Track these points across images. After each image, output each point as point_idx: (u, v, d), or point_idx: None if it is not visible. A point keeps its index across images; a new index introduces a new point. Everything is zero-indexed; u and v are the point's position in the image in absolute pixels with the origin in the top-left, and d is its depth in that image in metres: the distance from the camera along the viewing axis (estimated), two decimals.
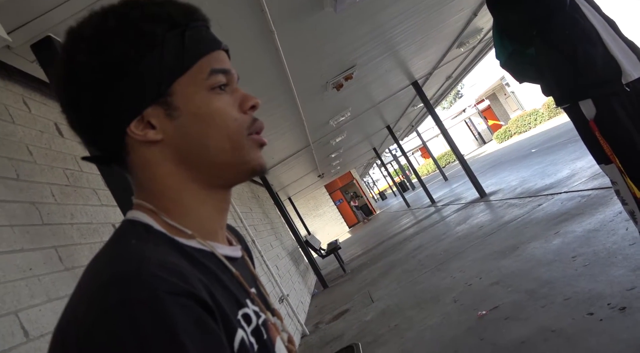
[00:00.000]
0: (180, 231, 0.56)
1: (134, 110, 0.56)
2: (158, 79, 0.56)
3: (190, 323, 0.43)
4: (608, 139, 1.65)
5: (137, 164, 0.58)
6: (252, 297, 0.61)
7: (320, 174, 15.92)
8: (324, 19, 3.87)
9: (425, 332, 3.30)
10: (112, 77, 0.54)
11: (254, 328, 0.56)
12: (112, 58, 0.54)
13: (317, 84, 5.60)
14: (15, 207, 1.66)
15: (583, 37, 1.68)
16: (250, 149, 0.60)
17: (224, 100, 0.59)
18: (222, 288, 0.54)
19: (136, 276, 0.45)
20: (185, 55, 0.57)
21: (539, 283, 2.98)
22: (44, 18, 1.96)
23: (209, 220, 0.60)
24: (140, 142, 0.57)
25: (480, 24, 6.90)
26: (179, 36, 0.57)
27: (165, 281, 0.45)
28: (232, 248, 0.63)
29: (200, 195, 0.59)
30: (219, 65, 0.59)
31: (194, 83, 0.57)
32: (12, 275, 1.45)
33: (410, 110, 12.14)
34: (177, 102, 0.57)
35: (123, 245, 0.52)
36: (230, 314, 0.51)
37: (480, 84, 31.43)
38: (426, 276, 4.90)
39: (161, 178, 0.58)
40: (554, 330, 2.31)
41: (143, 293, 0.43)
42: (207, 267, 0.55)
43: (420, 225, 9.54)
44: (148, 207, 0.57)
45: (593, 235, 3.33)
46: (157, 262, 0.47)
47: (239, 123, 0.59)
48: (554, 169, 7.15)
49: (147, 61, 0.55)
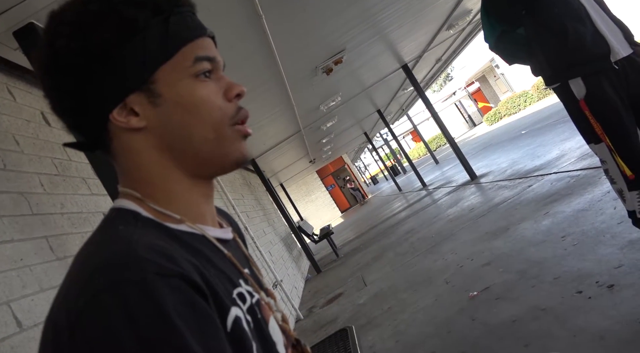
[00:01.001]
0: (169, 216, 0.56)
1: (116, 96, 0.55)
2: (141, 65, 0.55)
3: (181, 303, 0.43)
4: (598, 118, 1.66)
5: (120, 150, 0.58)
6: (245, 277, 0.61)
7: (312, 160, 15.91)
8: (312, 2, 3.82)
9: (418, 313, 3.34)
10: (94, 63, 0.53)
11: (248, 307, 0.57)
12: (94, 43, 0.53)
13: (307, 69, 5.56)
14: (4, 198, 1.64)
15: (572, 14, 1.69)
16: (234, 140, 0.60)
17: (209, 88, 0.58)
18: (215, 269, 0.54)
19: (125, 259, 0.45)
20: (169, 42, 0.56)
21: (529, 263, 3.02)
22: (26, 4, 1.92)
23: (196, 205, 0.60)
24: (123, 129, 0.56)
25: (469, 5, 6.86)
26: (162, 22, 0.56)
27: (154, 263, 0.45)
28: (222, 230, 0.64)
29: (185, 182, 0.59)
30: (204, 52, 0.59)
31: (178, 70, 0.56)
32: (3, 265, 1.44)
33: (400, 94, 12.12)
34: (161, 89, 0.56)
35: (111, 231, 0.52)
36: (222, 294, 0.51)
37: (470, 66, 31.42)
38: (418, 259, 4.95)
39: (145, 166, 0.58)
40: (544, 308, 2.35)
41: (132, 276, 0.43)
42: (198, 249, 0.55)
43: (412, 209, 9.60)
44: (134, 194, 0.57)
45: (582, 215, 3.37)
46: (146, 245, 0.47)
47: (223, 112, 0.59)
48: (544, 150, 7.20)
49: (129, 47, 0.54)
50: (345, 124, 12.54)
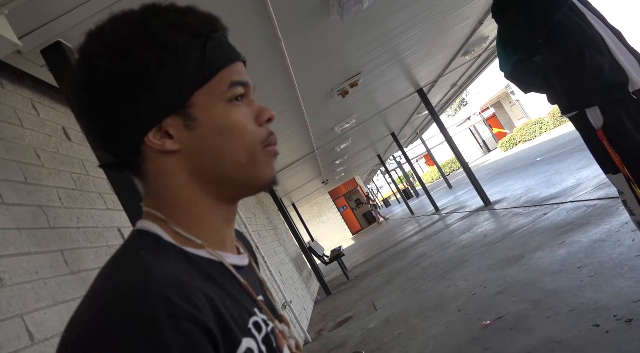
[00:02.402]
0: (190, 241, 0.57)
1: (153, 119, 0.56)
2: (178, 89, 0.56)
3: (186, 349, 0.43)
4: (616, 148, 1.65)
5: (151, 172, 0.58)
6: (259, 305, 0.61)
7: (325, 180, 15.91)
8: (330, 26, 3.89)
9: (429, 341, 3.28)
10: (133, 85, 0.54)
11: (264, 336, 0.56)
12: (134, 66, 0.54)
13: (323, 91, 5.62)
14: (23, 210, 1.66)
15: (590, 43, 1.69)
16: (264, 164, 0.60)
17: (242, 113, 0.59)
18: (230, 299, 0.54)
19: (140, 293, 0.45)
20: (206, 67, 0.57)
21: (544, 293, 2.96)
22: (54, 24, 1.98)
23: (218, 230, 0.61)
24: (156, 151, 0.57)
25: (486, 32, 6.91)
26: (200, 47, 0.57)
27: (168, 302, 0.44)
28: (239, 257, 0.63)
29: (210, 206, 0.60)
30: (238, 77, 0.60)
31: (214, 95, 0.57)
32: (18, 278, 1.46)
33: (415, 118, 12.15)
34: (196, 113, 0.57)
35: (132, 257, 0.52)
36: (236, 326, 0.51)
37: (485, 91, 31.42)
38: (430, 284, 4.88)
39: (174, 188, 0.58)
40: (559, 341, 2.29)
41: (143, 313, 0.43)
42: (215, 278, 0.55)
43: (424, 233, 9.51)
44: (158, 216, 0.57)
45: (599, 246, 3.30)
46: (163, 279, 0.47)
47: (255, 136, 0.59)
48: (559, 178, 7.12)
49: (168, 71, 0.55)
50: (359, 146, 12.56)
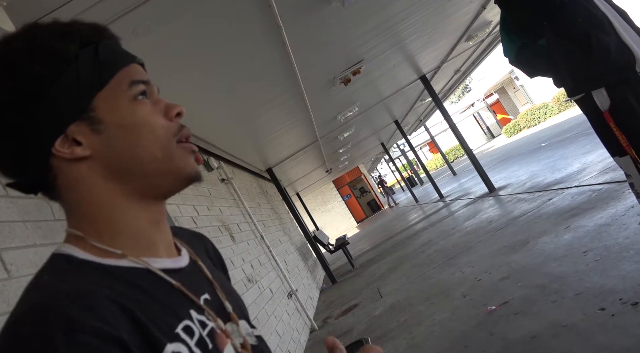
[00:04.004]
0: (110, 252, 0.55)
1: (56, 128, 0.55)
2: (77, 95, 0.55)
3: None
4: (623, 130, 1.63)
5: (66, 185, 0.57)
6: (198, 306, 0.59)
7: (328, 169, 15.91)
8: (331, 13, 3.85)
9: (434, 327, 3.29)
10: (28, 100, 0.53)
11: (198, 340, 0.55)
12: (27, 78, 0.53)
13: (325, 79, 5.58)
14: (28, 203, 1.67)
15: (596, 24, 1.66)
16: (181, 157, 0.59)
17: (149, 109, 0.59)
18: (156, 304, 0.53)
19: (34, 314, 0.44)
20: (102, 69, 0.57)
21: (550, 278, 2.96)
22: (53, 15, 1.97)
23: (144, 235, 0.59)
24: (67, 160, 0.56)
25: (489, 16, 6.83)
26: (92, 52, 0.56)
27: (66, 318, 0.44)
28: (174, 260, 0.62)
29: (133, 209, 0.58)
30: (138, 76, 0.60)
31: (116, 95, 0.57)
32: (25, 270, 1.47)
33: (418, 105, 12.08)
34: (101, 115, 0.56)
35: (33, 285, 0.52)
36: (158, 333, 0.50)
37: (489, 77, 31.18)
38: (435, 271, 4.89)
39: (92, 198, 0.57)
40: (565, 325, 2.29)
41: (37, 331, 0.43)
42: (138, 285, 0.54)
43: (429, 220, 9.51)
44: (76, 234, 0.56)
45: (604, 230, 3.29)
46: (64, 297, 0.46)
47: (166, 129, 0.59)
48: (564, 163, 7.08)
49: (62, 79, 0.54)
50: (362, 134, 12.53)
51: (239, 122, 5.44)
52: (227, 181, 5.56)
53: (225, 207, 4.87)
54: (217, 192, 4.88)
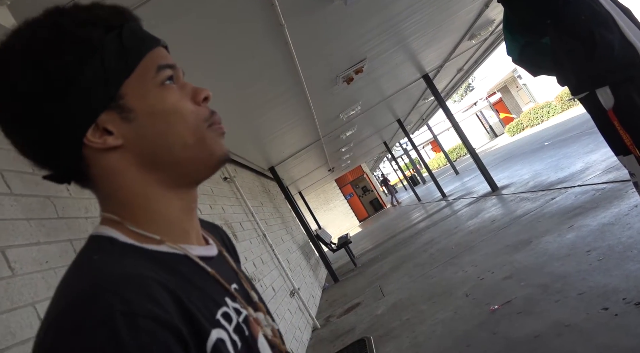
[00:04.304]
0: (149, 238, 0.55)
1: (86, 118, 0.54)
2: (104, 83, 0.54)
3: (145, 346, 0.42)
4: (628, 129, 1.62)
5: (99, 175, 0.56)
6: (231, 294, 0.59)
7: (331, 168, 15.90)
8: (334, 11, 3.85)
9: (436, 326, 3.29)
10: (56, 89, 0.52)
11: (235, 326, 0.55)
12: (55, 68, 0.52)
13: (328, 78, 5.58)
14: (31, 201, 1.68)
15: (599, 22, 1.66)
16: (213, 141, 0.59)
17: (177, 94, 0.58)
18: (197, 291, 0.53)
19: (92, 298, 0.44)
20: (128, 56, 0.56)
21: (553, 277, 2.95)
22: None
23: (178, 223, 0.59)
24: (99, 150, 0.55)
25: (492, 15, 6.81)
26: (116, 38, 0.55)
27: (124, 300, 0.43)
28: (206, 248, 0.62)
29: (166, 198, 0.58)
30: (164, 60, 0.59)
31: (144, 81, 0.56)
32: (29, 267, 1.47)
33: (421, 104, 12.06)
34: (131, 103, 0.55)
35: (85, 264, 0.51)
36: (203, 318, 0.50)
37: (492, 76, 31.10)
38: (438, 270, 4.89)
39: (126, 187, 0.57)
40: (568, 324, 2.29)
41: (98, 315, 0.42)
42: (179, 271, 0.54)
43: (432, 219, 9.50)
44: (113, 218, 0.56)
45: (608, 229, 3.28)
46: (119, 279, 0.46)
47: (196, 115, 0.58)
48: (568, 162, 7.06)
49: (89, 67, 0.53)
50: (365, 133, 12.51)
51: (241, 120, 5.44)
52: (229, 180, 5.57)
53: (227, 206, 4.88)
54: (219, 190, 4.88)
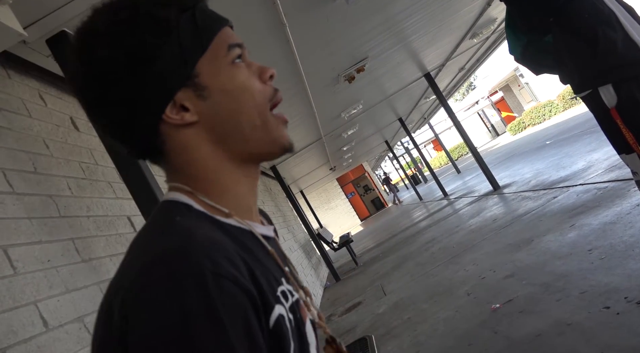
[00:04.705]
0: (218, 210, 0.57)
1: (166, 95, 0.56)
2: (182, 61, 0.56)
3: (230, 307, 0.44)
4: (630, 127, 1.62)
5: (174, 149, 0.59)
6: (286, 276, 0.61)
7: (332, 167, 15.90)
8: (335, 10, 3.84)
9: (438, 325, 3.29)
10: (139, 66, 0.55)
11: (290, 306, 0.57)
12: (134, 48, 0.54)
13: (329, 77, 5.58)
14: (34, 200, 1.68)
15: (602, 20, 1.65)
16: (277, 126, 0.62)
17: (246, 73, 0.61)
18: (261, 266, 0.54)
19: (184, 252, 0.46)
20: (202, 35, 0.58)
21: (554, 276, 2.95)
22: (58, 13, 1.97)
23: (244, 199, 0.62)
24: (176, 126, 0.58)
25: (494, 13, 6.80)
26: (190, 18, 0.58)
27: (212, 261, 0.45)
28: (266, 228, 0.64)
29: (235, 174, 0.61)
30: (233, 39, 0.61)
31: (216, 60, 0.59)
32: (32, 266, 1.48)
33: (422, 103, 12.05)
34: (205, 81, 0.58)
35: (168, 222, 0.53)
36: (268, 291, 0.52)
37: (494, 75, 31.06)
38: (439, 269, 4.89)
39: (198, 161, 0.59)
40: (570, 323, 2.28)
41: (191, 269, 0.44)
42: (247, 245, 0.55)
43: (433, 218, 9.50)
44: (185, 188, 0.58)
45: (610, 228, 3.28)
46: (204, 241, 0.48)
47: (263, 94, 0.61)
48: (569, 161, 7.05)
49: (167, 46, 0.55)
50: (367, 132, 12.51)
51: None
52: None
53: None
54: None
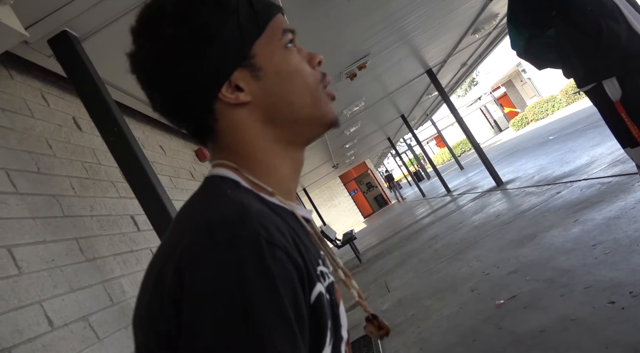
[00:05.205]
0: (262, 188, 0.59)
1: (223, 74, 0.58)
2: (240, 42, 0.59)
3: (283, 274, 0.46)
4: (635, 120, 1.61)
5: (226, 128, 0.61)
6: (323, 258, 0.63)
7: (335, 165, 15.90)
8: (336, 7, 3.83)
9: (442, 321, 3.29)
10: (202, 44, 0.57)
11: (327, 286, 0.58)
12: (199, 26, 0.57)
13: (331, 74, 5.57)
14: (37, 200, 1.68)
15: (605, 13, 1.64)
16: (326, 102, 0.64)
17: (298, 57, 0.63)
18: (303, 245, 0.56)
19: (241, 220, 0.48)
20: (259, 18, 0.61)
21: (558, 272, 2.94)
22: (59, 13, 1.97)
23: (288, 180, 0.63)
24: (230, 105, 0.59)
25: (496, 8, 6.77)
26: (248, 2, 0.61)
27: (266, 230, 0.47)
28: (306, 211, 0.66)
29: (281, 155, 0.62)
30: (287, 26, 0.64)
31: (271, 43, 0.61)
32: (36, 266, 1.48)
33: (424, 99, 12.03)
34: (260, 62, 0.60)
35: (221, 193, 0.55)
36: (311, 268, 0.53)
37: (496, 71, 30.95)
38: (442, 265, 4.88)
39: (249, 140, 0.61)
40: (574, 319, 2.28)
41: (248, 236, 0.46)
42: (290, 225, 0.56)
43: (436, 215, 9.48)
44: (231, 165, 0.60)
45: (614, 223, 3.27)
46: (256, 211, 0.50)
47: (314, 77, 0.63)
48: (573, 156, 7.02)
49: (227, 27, 0.58)
50: (369, 129, 12.50)
51: None
52: None
53: None
54: None
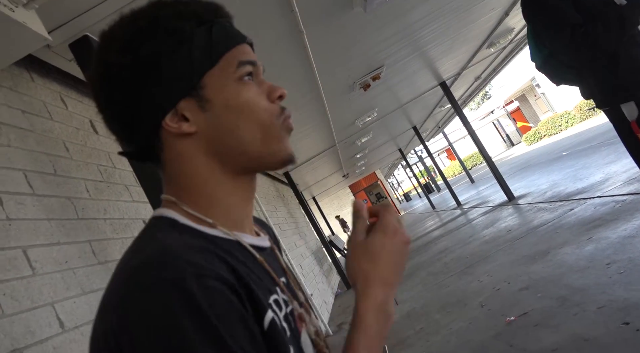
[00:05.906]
0: (202, 221, 0.58)
1: (168, 102, 0.58)
2: (189, 72, 0.58)
3: (217, 304, 0.45)
4: None
5: (170, 158, 0.60)
6: (280, 286, 0.61)
7: (345, 174, 15.88)
8: (353, 19, 3.86)
9: (451, 336, 3.25)
10: (145, 73, 0.57)
11: (284, 315, 0.57)
12: (144, 55, 0.56)
13: (345, 84, 5.59)
14: (53, 202, 1.70)
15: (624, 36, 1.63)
16: (281, 138, 0.62)
17: (253, 91, 0.61)
18: (251, 273, 0.55)
19: (162, 260, 0.47)
20: (213, 49, 0.59)
21: (571, 290, 2.90)
22: (81, 18, 2.01)
23: (235, 210, 0.62)
24: (174, 135, 0.59)
25: (512, 23, 6.76)
26: (206, 32, 0.59)
27: (191, 264, 0.47)
28: (259, 238, 0.65)
29: (228, 185, 0.61)
30: (246, 57, 0.62)
31: (224, 75, 0.59)
32: (49, 267, 1.49)
33: (437, 111, 11.99)
34: (209, 94, 0.58)
35: (148, 238, 0.55)
36: (260, 295, 0.52)
37: (510, 85, 30.84)
38: (452, 279, 4.83)
39: (192, 171, 0.60)
40: (587, 339, 2.24)
41: (170, 275, 0.45)
42: (233, 254, 0.56)
43: (446, 228, 9.41)
44: (171, 200, 0.59)
45: (629, 242, 3.21)
46: (183, 247, 0.50)
47: (269, 112, 0.61)
48: (587, 173, 6.94)
49: (177, 56, 0.57)
50: (380, 139, 12.48)
51: None
52: None
53: None
54: None
